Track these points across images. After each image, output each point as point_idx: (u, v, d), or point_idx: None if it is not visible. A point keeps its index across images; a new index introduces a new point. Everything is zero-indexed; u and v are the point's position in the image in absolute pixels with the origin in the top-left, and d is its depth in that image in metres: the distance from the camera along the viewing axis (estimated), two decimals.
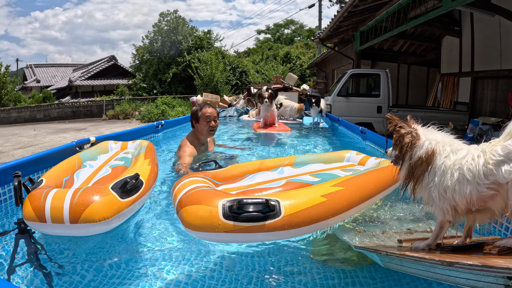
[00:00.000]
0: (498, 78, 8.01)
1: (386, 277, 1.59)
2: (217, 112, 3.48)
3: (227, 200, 1.45)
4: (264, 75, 22.19)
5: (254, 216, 1.41)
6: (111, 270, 1.63)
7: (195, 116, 3.39)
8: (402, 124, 1.39)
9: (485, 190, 1.15)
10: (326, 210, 1.54)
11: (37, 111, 18.95)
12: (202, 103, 3.54)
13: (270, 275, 1.63)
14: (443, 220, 1.28)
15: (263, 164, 2.28)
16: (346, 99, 8.98)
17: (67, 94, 27.30)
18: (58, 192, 1.59)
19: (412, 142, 1.34)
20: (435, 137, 1.33)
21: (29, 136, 12.07)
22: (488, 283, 0.93)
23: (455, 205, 1.23)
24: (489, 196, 1.16)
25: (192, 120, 3.44)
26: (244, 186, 1.97)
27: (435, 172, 1.27)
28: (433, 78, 12.09)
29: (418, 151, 1.32)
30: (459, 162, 1.22)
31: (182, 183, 1.69)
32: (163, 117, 14.72)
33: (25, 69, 33.51)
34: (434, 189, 1.26)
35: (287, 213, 1.44)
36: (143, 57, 23.60)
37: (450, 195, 1.22)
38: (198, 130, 3.41)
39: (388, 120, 1.43)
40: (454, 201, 1.22)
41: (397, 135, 1.39)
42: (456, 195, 1.20)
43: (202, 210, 1.44)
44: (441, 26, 9.63)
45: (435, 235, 1.34)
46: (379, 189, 1.96)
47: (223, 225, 1.40)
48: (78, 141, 2.98)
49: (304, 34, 40.28)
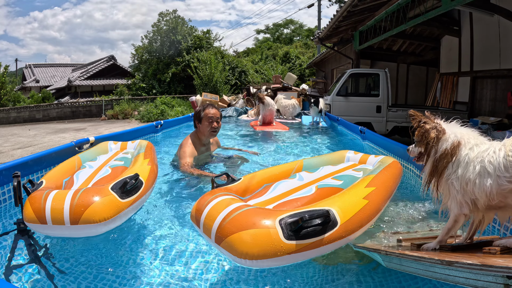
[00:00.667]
0: (497, 77, 8.02)
1: (385, 277, 1.59)
2: (220, 114, 3.45)
3: (286, 217, 1.31)
4: (264, 74, 22.17)
5: (315, 230, 1.31)
6: (111, 270, 1.63)
7: (198, 116, 3.36)
8: (426, 120, 1.37)
9: (506, 184, 1.14)
10: (370, 212, 1.54)
11: (36, 111, 18.93)
12: (205, 103, 3.50)
13: (269, 274, 1.63)
14: (459, 213, 1.26)
15: (276, 172, 2.12)
16: (346, 99, 8.98)
17: (66, 94, 27.26)
18: (58, 194, 1.59)
19: (438, 136, 1.32)
20: (460, 130, 1.33)
21: (28, 136, 12.06)
22: (487, 282, 0.93)
23: (475, 199, 1.21)
24: (509, 190, 1.14)
25: (194, 120, 3.41)
26: (275, 197, 1.78)
27: (459, 163, 1.26)
28: (432, 78, 12.09)
29: (444, 144, 1.31)
30: (481, 155, 1.21)
31: (211, 204, 1.47)
32: (162, 117, 14.71)
33: (24, 69, 33.47)
34: (455, 181, 1.25)
35: (342, 221, 1.39)
36: (142, 57, 23.58)
37: (471, 188, 1.21)
38: (200, 131, 3.38)
39: (412, 116, 1.41)
40: (474, 195, 1.21)
41: (421, 130, 1.37)
42: (476, 189, 1.19)
43: (259, 235, 1.26)
44: (440, 26, 9.63)
45: (447, 229, 1.32)
46: (396, 185, 2.01)
47: (285, 247, 1.26)
48: (77, 141, 2.97)
49: (304, 34, 40.28)
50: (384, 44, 12.76)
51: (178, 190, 2.69)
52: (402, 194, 2.63)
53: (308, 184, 1.92)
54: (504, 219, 1.25)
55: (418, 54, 12.79)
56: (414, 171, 2.87)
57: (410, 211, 2.17)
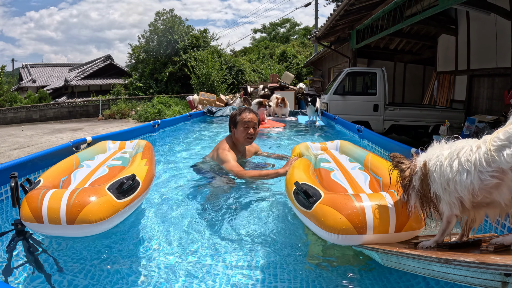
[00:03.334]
0: (494, 76, 8.05)
1: (385, 276, 1.59)
2: (258, 120, 3.14)
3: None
4: (261, 74, 22.18)
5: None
6: (109, 270, 1.63)
7: (233, 120, 3.09)
8: (403, 161, 1.46)
9: (489, 179, 1.13)
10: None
11: (33, 111, 18.85)
12: (242, 107, 3.27)
13: (268, 275, 1.63)
14: (450, 214, 1.28)
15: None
16: (343, 98, 8.99)
17: (63, 94, 27.15)
18: (55, 193, 1.58)
19: (411, 173, 1.40)
20: (426, 153, 1.38)
21: (26, 137, 12.01)
22: (485, 280, 0.94)
23: (461, 198, 1.22)
24: (493, 185, 1.13)
25: (230, 124, 3.15)
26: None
27: (433, 172, 1.29)
28: (429, 76, 12.13)
29: (416, 175, 1.37)
30: (456, 154, 1.23)
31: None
32: (159, 117, 14.69)
33: (20, 69, 33.31)
34: (438, 188, 1.27)
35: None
36: (139, 57, 23.52)
37: (453, 186, 1.22)
38: (235, 136, 3.11)
39: (391, 157, 1.51)
40: (458, 193, 1.22)
41: (398, 170, 1.47)
42: (458, 186, 1.20)
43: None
44: (437, 25, 9.66)
45: (442, 231, 1.34)
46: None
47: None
48: (74, 141, 2.96)
49: (300, 32, 40.27)
50: (381, 43, 12.78)
51: (183, 192, 2.69)
52: None
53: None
54: (493, 216, 1.25)
55: (415, 52, 12.82)
56: None
57: None
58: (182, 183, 2.84)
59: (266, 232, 2.03)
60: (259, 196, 2.52)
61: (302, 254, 1.81)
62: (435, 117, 8.71)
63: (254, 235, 1.99)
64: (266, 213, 2.26)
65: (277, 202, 2.42)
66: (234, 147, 3.08)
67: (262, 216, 2.22)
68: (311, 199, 1.57)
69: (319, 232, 1.52)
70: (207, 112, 8.31)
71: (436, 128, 8.41)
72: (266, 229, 2.06)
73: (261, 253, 1.81)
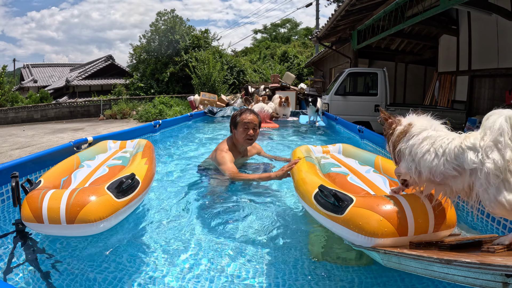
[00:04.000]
0: (495, 76, 8.03)
1: (386, 276, 1.59)
2: (258, 121, 3.12)
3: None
4: (262, 74, 22.17)
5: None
6: (109, 270, 1.63)
7: (234, 121, 3.08)
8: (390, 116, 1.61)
9: (451, 170, 1.25)
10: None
11: (34, 111, 18.89)
12: (243, 108, 3.21)
13: (269, 275, 1.63)
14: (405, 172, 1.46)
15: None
16: (344, 98, 8.99)
17: (64, 94, 27.20)
18: (55, 193, 1.59)
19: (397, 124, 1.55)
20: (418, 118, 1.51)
21: (27, 137, 12.03)
22: (486, 280, 0.93)
23: (420, 171, 1.36)
24: (452, 175, 1.27)
25: (230, 125, 3.15)
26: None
27: (411, 135, 1.43)
28: (430, 77, 12.11)
29: (399, 128, 1.51)
30: (434, 138, 1.35)
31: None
32: (160, 117, 14.70)
33: (22, 69, 33.38)
34: (406, 149, 1.43)
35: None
36: (140, 57, 23.56)
37: (418, 159, 1.36)
38: (235, 137, 3.09)
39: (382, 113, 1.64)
40: (420, 167, 1.35)
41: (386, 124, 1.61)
42: (423, 163, 1.34)
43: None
44: (439, 25, 9.64)
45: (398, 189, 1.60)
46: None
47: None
48: (75, 141, 2.97)
49: (302, 33, 40.28)
50: (382, 43, 12.77)
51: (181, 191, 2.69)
52: None
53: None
54: (439, 193, 1.37)
55: (416, 53, 12.80)
56: None
57: None
58: (182, 183, 2.84)
59: (267, 232, 2.03)
60: (259, 197, 2.53)
61: (304, 254, 1.80)
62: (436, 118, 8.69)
63: (255, 236, 1.99)
64: (266, 214, 2.26)
65: (278, 202, 2.42)
66: (233, 148, 3.08)
67: (263, 217, 2.22)
68: (343, 203, 1.48)
69: (353, 237, 1.44)
70: (208, 112, 8.32)
71: None
72: (266, 229, 2.06)
73: (262, 252, 1.81)
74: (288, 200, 2.49)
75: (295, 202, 2.43)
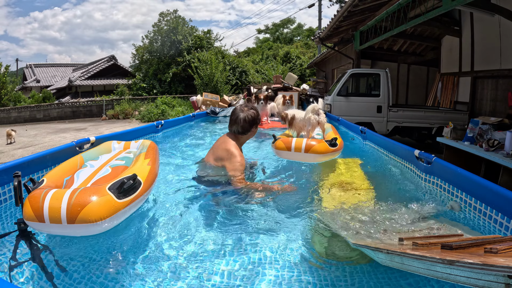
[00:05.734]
0: (498, 77, 8.00)
1: (387, 275, 1.59)
2: None
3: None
4: (264, 74, 22.19)
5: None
6: (111, 270, 1.63)
7: (257, 121, 3.04)
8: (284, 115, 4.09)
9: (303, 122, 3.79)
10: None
11: (37, 111, 18.96)
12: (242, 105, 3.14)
13: (269, 275, 1.63)
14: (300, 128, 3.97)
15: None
16: (346, 99, 8.98)
17: (67, 94, 27.30)
18: (56, 193, 1.59)
19: (290, 116, 4.01)
20: (295, 111, 4.07)
21: (29, 136, 12.07)
22: (488, 281, 0.93)
23: (300, 125, 3.91)
24: (302, 125, 3.87)
25: (251, 125, 3.01)
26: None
27: (295, 119, 3.96)
28: (433, 78, 12.09)
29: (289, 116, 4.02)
30: (300, 116, 3.90)
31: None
32: (163, 117, 14.73)
33: (25, 69, 33.51)
34: (297, 121, 3.93)
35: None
36: (143, 57, 23.63)
37: (299, 122, 3.91)
38: (247, 136, 3.05)
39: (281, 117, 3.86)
40: (299, 125, 3.91)
41: (282, 116, 4.15)
42: (301, 122, 3.88)
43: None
44: (441, 26, 9.62)
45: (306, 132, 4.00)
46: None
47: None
48: (78, 141, 2.97)
49: (304, 33, 40.28)
50: (385, 44, 12.75)
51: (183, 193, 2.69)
52: (403, 194, 2.64)
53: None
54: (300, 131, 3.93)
55: (418, 54, 12.77)
56: (416, 172, 2.87)
57: (411, 211, 2.16)
58: (184, 184, 2.84)
59: (269, 231, 2.03)
60: (262, 198, 2.52)
61: (306, 254, 1.80)
62: (439, 119, 8.68)
63: (258, 234, 1.99)
64: (269, 212, 2.26)
65: (279, 201, 2.42)
66: None
67: (265, 215, 2.22)
68: None
69: None
70: (211, 112, 8.32)
71: (439, 130, 8.37)
72: (269, 228, 2.06)
73: (264, 253, 1.80)
74: (291, 199, 2.49)
75: (297, 200, 2.43)
